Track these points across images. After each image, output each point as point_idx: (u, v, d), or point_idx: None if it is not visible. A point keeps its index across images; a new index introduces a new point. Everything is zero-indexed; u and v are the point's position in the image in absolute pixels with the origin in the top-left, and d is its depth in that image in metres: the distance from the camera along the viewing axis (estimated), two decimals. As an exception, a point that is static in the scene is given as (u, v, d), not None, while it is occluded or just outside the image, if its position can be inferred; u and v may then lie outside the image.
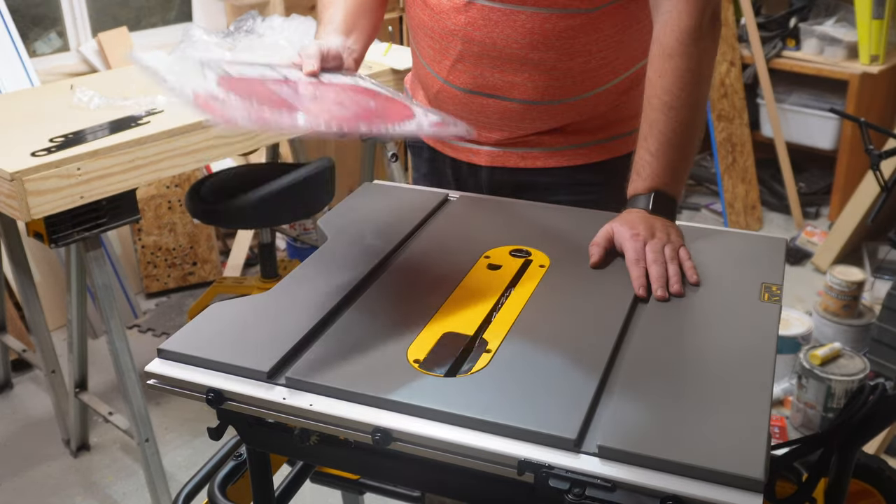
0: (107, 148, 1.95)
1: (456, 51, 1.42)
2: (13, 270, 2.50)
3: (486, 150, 1.50)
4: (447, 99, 1.48)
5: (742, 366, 1.00)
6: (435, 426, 0.93)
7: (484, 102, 1.44)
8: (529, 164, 1.50)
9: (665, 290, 1.16)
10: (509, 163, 1.50)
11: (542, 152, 1.49)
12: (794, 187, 3.83)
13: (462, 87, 1.45)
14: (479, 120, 1.47)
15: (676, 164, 1.28)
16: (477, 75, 1.42)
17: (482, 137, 1.49)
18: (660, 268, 1.18)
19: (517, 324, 1.10)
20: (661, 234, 1.23)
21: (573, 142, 1.48)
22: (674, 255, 1.20)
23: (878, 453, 2.35)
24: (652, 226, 1.24)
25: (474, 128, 1.40)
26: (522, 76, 1.40)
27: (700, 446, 0.87)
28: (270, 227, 2.73)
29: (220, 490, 1.17)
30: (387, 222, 1.37)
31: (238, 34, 2.64)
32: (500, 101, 1.43)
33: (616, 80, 1.45)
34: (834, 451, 1.22)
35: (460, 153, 1.54)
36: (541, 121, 1.45)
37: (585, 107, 1.45)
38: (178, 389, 1.03)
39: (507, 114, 1.44)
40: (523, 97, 1.42)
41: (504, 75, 1.40)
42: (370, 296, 1.17)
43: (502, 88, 1.42)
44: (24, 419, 2.74)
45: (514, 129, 1.47)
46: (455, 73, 1.44)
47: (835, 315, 2.93)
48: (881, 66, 3.53)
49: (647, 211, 1.27)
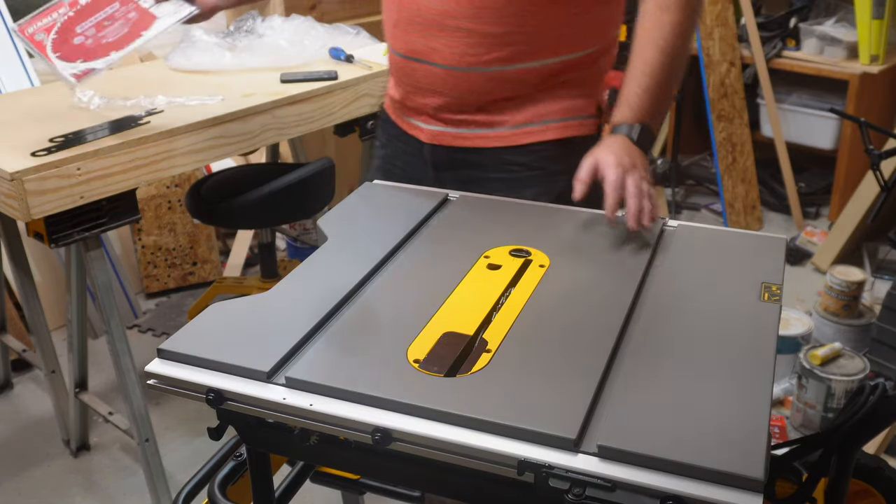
0: (107, 148, 1.95)
1: (394, 17, 1.56)
2: (13, 270, 2.50)
3: (427, 128, 1.62)
4: (393, 64, 1.64)
5: (742, 366, 1.00)
6: (435, 426, 0.93)
7: (414, 67, 1.56)
8: (461, 143, 1.60)
9: (638, 223, 1.30)
10: (445, 141, 1.61)
11: (472, 133, 1.59)
12: (794, 187, 3.83)
13: (399, 52, 1.59)
14: (414, 85, 1.59)
15: (661, 103, 1.42)
16: (408, 40, 1.55)
17: (420, 106, 1.60)
18: (637, 202, 1.30)
19: (517, 324, 1.10)
20: (640, 167, 1.34)
21: (502, 124, 1.57)
22: (649, 191, 1.32)
23: (878, 453, 2.35)
24: (634, 157, 1.35)
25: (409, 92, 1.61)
26: (441, 41, 1.50)
27: (700, 446, 0.87)
28: (270, 227, 2.73)
29: (220, 490, 1.17)
30: (387, 222, 1.37)
31: (238, 34, 2.65)
32: (426, 65, 1.54)
33: (536, 64, 1.52)
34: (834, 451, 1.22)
35: (411, 129, 1.66)
36: (465, 87, 1.53)
37: (504, 83, 1.52)
38: (178, 389, 1.03)
39: (433, 79, 1.55)
40: (444, 62, 1.52)
41: (427, 40, 1.52)
42: (370, 296, 1.17)
43: (426, 53, 1.53)
44: (24, 419, 2.74)
45: (439, 94, 1.56)
46: (394, 39, 1.59)
47: (835, 315, 2.93)
48: (881, 66, 3.53)
49: (631, 140, 1.38)
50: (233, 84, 2.38)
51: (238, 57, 2.53)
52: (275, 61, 2.51)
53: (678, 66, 1.43)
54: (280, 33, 2.64)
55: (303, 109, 2.34)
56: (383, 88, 2.52)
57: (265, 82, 2.38)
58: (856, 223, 3.42)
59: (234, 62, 2.51)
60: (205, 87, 2.34)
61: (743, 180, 3.81)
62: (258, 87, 2.34)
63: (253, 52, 2.54)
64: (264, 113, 2.25)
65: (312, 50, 2.58)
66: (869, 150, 2.44)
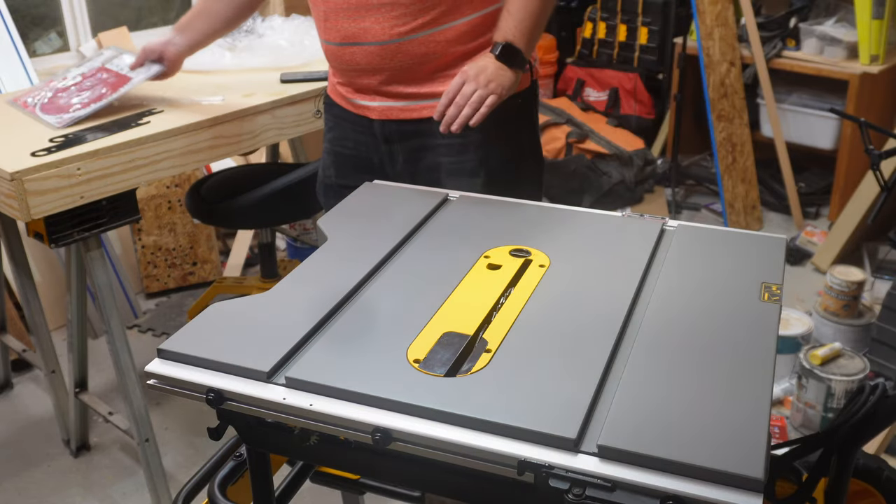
0: (107, 148, 1.95)
1: (322, 10, 1.67)
2: (13, 270, 2.50)
3: (376, 105, 1.71)
4: (330, 55, 1.73)
5: (742, 366, 1.00)
6: (435, 426, 0.93)
7: (352, 51, 1.66)
8: (409, 115, 1.70)
9: (447, 128, 1.48)
10: (393, 115, 1.71)
11: (418, 105, 1.69)
12: (794, 187, 3.83)
13: (334, 41, 1.69)
14: (354, 68, 1.69)
15: (528, 25, 1.55)
16: (340, 28, 1.65)
17: (365, 86, 1.70)
18: (455, 109, 1.48)
19: (517, 324, 1.10)
20: (483, 78, 1.49)
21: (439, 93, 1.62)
22: (478, 99, 1.47)
23: (878, 453, 2.35)
24: (484, 69, 1.50)
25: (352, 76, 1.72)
26: (370, 20, 1.61)
27: (700, 446, 0.87)
28: (270, 227, 2.73)
29: (220, 490, 1.17)
30: (387, 222, 1.37)
31: (238, 34, 2.65)
32: (361, 46, 1.65)
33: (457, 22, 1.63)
34: (834, 451, 1.22)
35: (359, 109, 1.75)
36: (401, 59, 1.64)
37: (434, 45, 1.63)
38: (178, 389, 1.03)
39: (370, 58, 1.65)
40: (377, 39, 1.62)
41: (358, 23, 1.63)
42: (370, 295, 1.17)
43: (359, 35, 1.64)
44: (24, 419, 2.74)
45: (380, 71, 1.66)
46: (327, 31, 1.69)
47: (835, 315, 2.93)
48: (881, 66, 3.52)
49: (494, 56, 1.52)
50: (233, 84, 2.38)
51: (238, 57, 2.53)
52: (275, 61, 2.51)
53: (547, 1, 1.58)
54: (280, 33, 2.64)
55: (303, 109, 2.34)
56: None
57: (265, 82, 2.38)
58: (856, 223, 3.42)
59: (234, 62, 2.51)
60: (205, 87, 2.34)
61: (743, 180, 3.81)
62: (258, 87, 2.34)
63: (253, 52, 2.54)
64: (264, 113, 2.25)
65: (312, 50, 2.58)
66: (869, 150, 2.44)
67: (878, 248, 3.53)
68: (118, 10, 3.51)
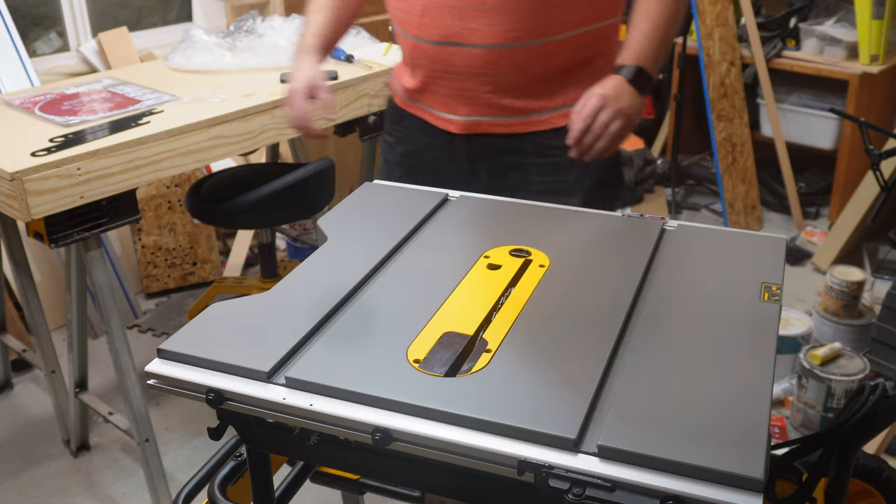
0: (107, 148, 1.95)
1: (421, 4, 1.54)
2: (13, 270, 2.50)
3: (459, 119, 1.61)
4: (420, 55, 1.60)
5: (742, 365, 1.00)
6: (435, 426, 0.93)
7: (451, 51, 1.55)
8: (501, 130, 1.60)
9: (581, 156, 1.42)
10: (481, 129, 1.61)
11: (512, 120, 1.60)
12: (794, 187, 3.83)
13: (430, 39, 1.56)
14: (449, 70, 1.57)
15: (659, 50, 1.50)
16: (441, 25, 1.53)
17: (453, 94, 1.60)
18: (593, 136, 1.41)
19: (517, 324, 1.10)
20: (625, 104, 1.41)
21: (542, 108, 1.59)
22: (616, 132, 1.41)
23: (878, 453, 2.35)
24: (620, 94, 1.42)
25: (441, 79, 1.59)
26: (480, 20, 1.51)
27: (700, 446, 0.87)
28: (270, 227, 2.73)
29: (220, 490, 1.17)
30: (387, 222, 1.37)
31: (238, 34, 2.65)
32: (465, 48, 1.53)
33: (571, 33, 1.55)
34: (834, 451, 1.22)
35: (439, 121, 1.64)
36: (503, 66, 1.54)
37: (542, 56, 1.54)
38: (178, 389, 1.02)
39: (472, 61, 1.54)
40: (484, 42, 1.52)
41: (465, 22, 1.51)
42: (370, 296, 1.17)
43: (465, 35, 1.52)
44: (24, 419, 2.74)
45: (478, 77, 1.56)
46: (423, 28, 1.56)
47: (835, 315, 2.92)
48: (881, 66, 3.52)
49: (627, 80, 1.44)
50: (233, 84, 2.38)
51: (238, 57, 2.53)
52: (275, 61, 2.51)
53: (677, 17, 1.52)
54: (280, 33, 2.64)
55: (303, 109, 2.33)
56: (383, 88, 2.52)
57: (265, 82, 2.38)
58: (856, 223, 3.42)
59: (234, 62, 2.51)
60: (205, 87, 2.34)
61: (743, 180, 3.81)
62: (258, 87, 2.34)
63: (253, 52, 2.54)
64: (264, 113, 2.25)
65: (312, 50, 2.58)
66: (869, 150, 2.44)
67: (878, 248, 3.53)
68: (118, 10, 3.51)
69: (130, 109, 2.16)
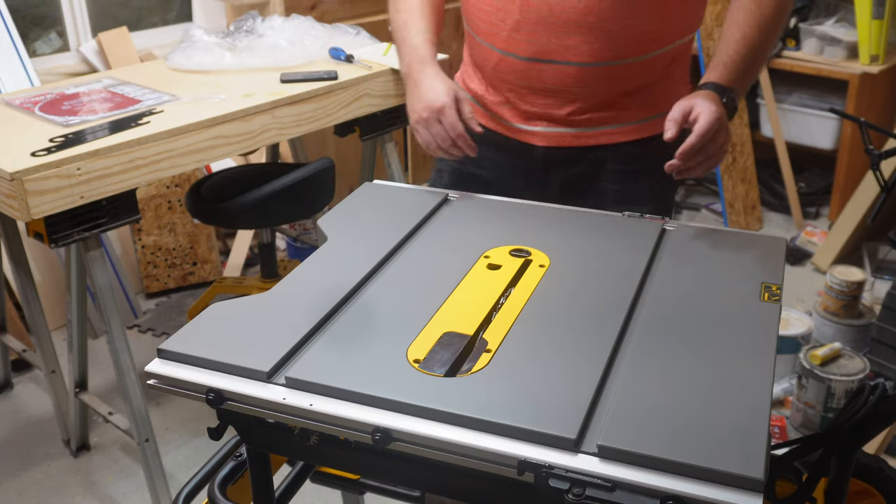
0: (107, 148, 1.95)
1: (513, 20, 1.48)
2: (13, 270, 2.50)
3: (547, 131, 1.57)
4: (507, 70, 1.54)
5: (742, 366, 1.00)
6: (435, 426, 0.93)
7: (542, 68, 1.50)
8: (584, 142, 1.58)
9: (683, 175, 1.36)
10: (565, 142, 1.58)
11: (597, 131, 1.57)
12: (794, 187, 3.83)
13: (521, 55, 1.51)
14: (538, 87, 1.53)
15: (750, 75, 1.46)
16: (534, 41, 1.48)
17: (539, 109, 1.56)
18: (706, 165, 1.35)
19: (517, 324, 1.10)
20: (728, 132, 1.36)
21: (628, 119, 1.57)
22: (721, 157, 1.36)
23: (878, 453, 2.35)
24: (723, 117, 1.36)
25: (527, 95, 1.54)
26: (577, 38, 1.46)
27: (700, 446, 0.87)
28: (270, 227, 2.73)
29: (220, 490, 1.17)
30: (387, 222, 1.37)
31: (238, 34, 2.65)
32: (558, 65, 1.49)
33: (661, 51, 1.52)
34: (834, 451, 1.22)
35: (517, 134, 1.61)
36: (593, 84, 1.51)
37: (630, 73, 1.52)
38: (178, 389, 1.02)
39: (564, 78, 1.50)
40: (579, 59, 1.48)
41: (561, 39, 1.47)
42: (370, 295, 1.17)
43: (559, 52, 1.48)
44: (24, 419, 2.74)
45: (568, 94, 1.52)
46: (513, 42, 1.50)
47: (835, 315, 2.93)
48: (881, 66, 3.52)
49: (721, 100, 1.39)
50: (233, 84, 2.38)
51: (238, 57, 2.53)
52: (275, 61, 2.51)
53: (772, 44, 1.49)
54: (280, 33, 2.64)
55: (303, 109, 2.34)
56: (383, 88, 2.52)
57: (265, 82, 2.38)
58: (856, 223, 3.42)
59: (234, 62, 2.51)
60: (205, 87, 2.34)
61: (743, 180, 3.81)
62: (258, 87, 2.34)
63: (253, 52, 2.54)
64: (264, 113, 2.25)
65: (312, 50, 2.58)
66: (869, 150, 2.44)
67: (878, 248, 3.54)
68: (118, 10, 3.50)
69: (130, 109, 2.16)
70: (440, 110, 1.44)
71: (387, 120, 2.62)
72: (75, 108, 2.18)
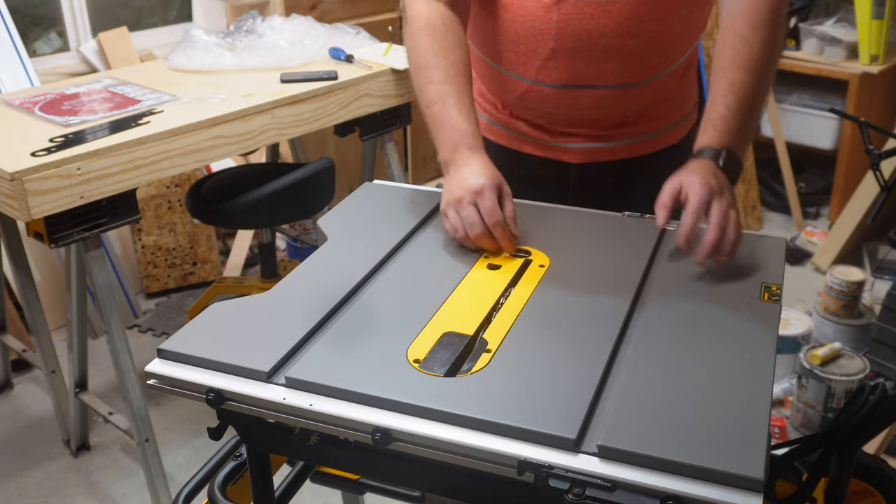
0: (107, 148, 1.95)
1: (547, 49, 1.42)
2: (13, 270, 2.50)
3: (577, 147, 1.54)
4: (536, 98, 1.49)
5: (742, 366, 1.00)
6: (435, 426, 0.92)
7: (578, 94, 1.46)
8: (616, 156, 1.55)
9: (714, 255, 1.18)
10: (597, 157, 1.55)
11: (626, 144, 1.54)
12: (794, 187, 3.83)
13: (554, 83, 1.46)
14: (572, 113, 1.50)
15: (748, 126, 1.32)
16: (570, 69, 1.43)
17: (574, 131, 1.53)
18: (719, 231, 1.18)
19: (517, 324, 1.10)
20: (728, 195, 1.23)
21: (651, 130, 1.55)
22: (736, 221, 1.21)
23: (878, 453, 2.35)
24: (721, 183, 1.23)
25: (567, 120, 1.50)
26: (616, 62, 1.42)
27: (700, 446, 0.87)
28: (270, 227, 2.73)
29: (220, 490, 1.17)
30: (387, 222, 1.37)
31: (238, 34, 2.65)
32: (595, 90, 1.45)
33: (681, 59, 1.51)
34: (834, 451, 1.22)
35: (548, 152, 1.56)
36: (630, 104, 1.49)
37: (662, 86, 1.51)
38: (178, 389, 1.02)
39: (600, 102, 1.47)
40: (617, 82, 1.45)
41: (599, 64, 1.42)
42: (370, 295, 1.17)
43: (596, 77, 1.44)
44: (24, 419, 2.74)
45: (604, 115, 1.50)
46: (545, 72, 1.45)
47: (835, 315, 2.93)
48: (881, 66, 3.53)
49: (717, 165, 1.27)
50: (233, 84, 2.38)
51: (238, 57, 2.53)
52: (275, 61, 2.51)
53: (766, 88, 1.36)
54: (280, 33, 2.64)
55: (303, 109, 2.34)
56: (383, 88, 2.52)
57: (265, 82, 2.38)
58: (856, 223, 3.43)
59: (234, 62, 2.51)
60: (205, 87, 2.34)
61: (743, 180, 3.81)
62: (258, 87, 2.34)
63: (253, 52, 2.55)
64: (264, 113, 2.25)
65: (312, 50, 2.58)
66: (869, 150, 2.45)
67: (878, 248, 3.54)
68: (118, 10, 3.51)
69: (130, 109, 2.16)
70: (478, 192, 1.25)
71: (387, 120, 2.62)
72: (75, 108, 2.18)
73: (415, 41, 1.40)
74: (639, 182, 1.54)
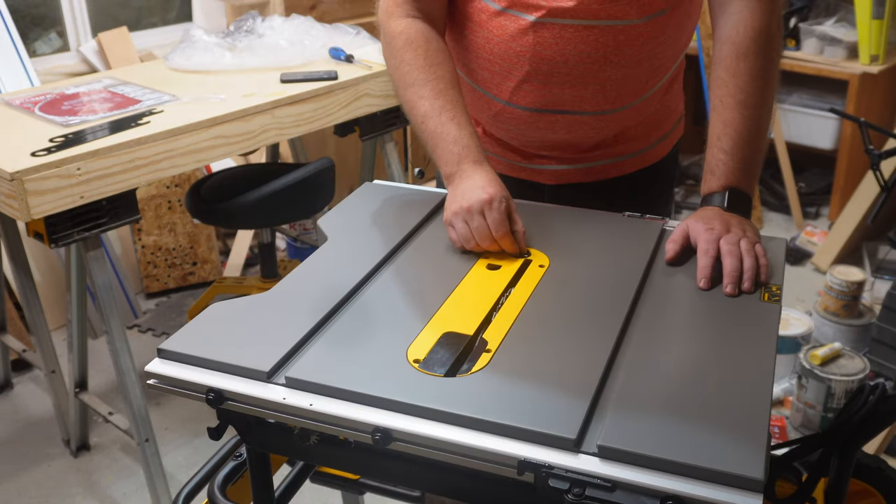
0: (107, 148, 1.95)
1: (522, 72, 1.37)
2: (13, 270, 2.50)
3: (551, 169, 1.50)
4: (510, 119, 1.45)
5: (742, 366, 1.00)
6: (435, 426, 0.92)
7: (552, 119, 1.42)
8: (592, 177, 1.50)
9: (735, 287, 1.14)
10: (573, 179, 1.50)
11: (603, 165, 1.49)
12: (794, 187, 3.83)
13: (528, 106, 1.41)
14: (546, 136, 1.45)
15: (749, 161, 1.28)
16: (545, 93, 1.38)
17: (547, 154, 1.48)
18: (734, 261, 1.16)
19: (517, 324, 1.10)
20: (736, 229, 1.21)
21: (631, 150, 1.50)
22: (750, 248, 1.18)
23: (878, 453, 2.35)
24: (727, 222, 1.23)
25: (540, 143, 1.44)
26: (592, 89, 1.37)
27: (700, 446, 0.87)
28: (270, 227, 2.73)
29: (220, 490, 1.17)
30: (387, 222, 1.37)
31: (238, 34, 2.66)
32: (570, 115, 1.40)
33: (663, 80, 1.46)
34: (834, 451, 1.22)
35: (522, 173, 1.52)
36: (607, 129, 1.44)
37: (642, 109, 1.46)
38: (178, 389, 1.02)
39: (576, 126, 1.42)
40: (593, 109, 1.40)
41: (575, 90, 1.37)
42: (370, 296, 1.17)
43: (572, 103, 1.39)
44: (24, 419, 2.74)
45: (580, 139, 1.45)
46: (520, 94, 1.40)
47: (835, 315, 2.93)
48: (881, 66, 3.53)
49: (722, 208, 1.26)
50: (233, 84, 2.38)
51: (238, 57, 2.53)
52: (275, 61, 2.52)
53: (763, 117, 1.29)
54: (280, 33, 2.64)
55: (303, 109, 2.34)
56: (383, 88, 2.52)
57: (265, 82, 2.39)
58: (856, 223, 3.43)
59: (234, 62, 2.51)
60: (205, 87, 2.34)
61: (743, 180, 3.80)
62: (258, 87, 2.34)
63: (253, 52, 2.55)
64: (264, 113, 2.25)
65: (312, 50, 2.58)
66: (869, 150, 2.45)
67: (878, 248, 3.54)
68: (118, 10, 3.51)
69: (130, 109, 2.16)
70: (488, 202, 1.24)
71: (387, 120, 2.62)
72: (75, 108, 2.18)
73: (398, 59, 1.38)
74: (618, 203, 1.45)
